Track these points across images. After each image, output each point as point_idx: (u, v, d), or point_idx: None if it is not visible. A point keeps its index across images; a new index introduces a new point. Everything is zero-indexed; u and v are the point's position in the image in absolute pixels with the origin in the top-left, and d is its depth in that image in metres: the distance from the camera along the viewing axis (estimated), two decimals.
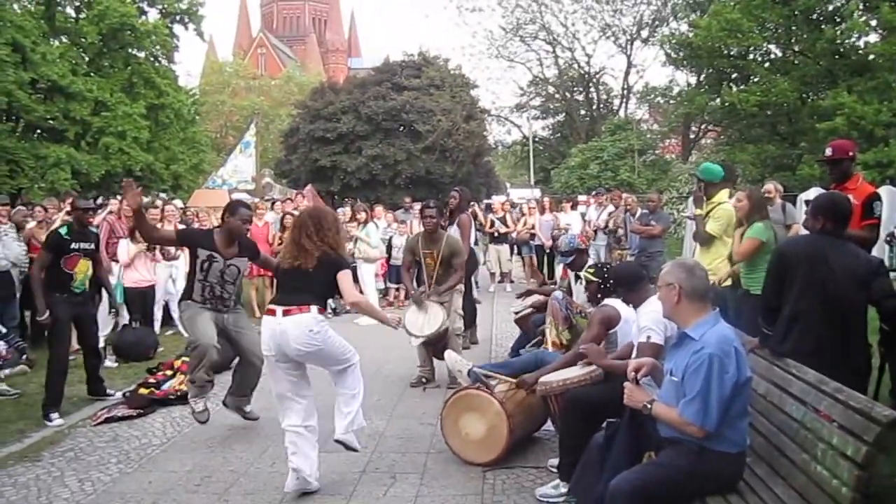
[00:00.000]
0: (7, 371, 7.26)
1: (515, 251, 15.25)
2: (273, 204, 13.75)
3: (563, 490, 4.12)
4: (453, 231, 8.23)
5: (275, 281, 5.42)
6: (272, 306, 4.27)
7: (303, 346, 4.16)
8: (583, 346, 4.35)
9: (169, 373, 6.80)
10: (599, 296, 4.95)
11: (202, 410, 5.24)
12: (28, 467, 4.95)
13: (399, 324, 4.65)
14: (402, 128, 36.45)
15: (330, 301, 11.76)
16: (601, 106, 37.89)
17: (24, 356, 7.63)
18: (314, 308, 4.20)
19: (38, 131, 22.76)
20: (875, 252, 5.09)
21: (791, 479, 3.09)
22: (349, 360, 4.39)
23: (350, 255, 11.73)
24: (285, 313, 4.18)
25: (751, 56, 22.82)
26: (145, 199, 14.28)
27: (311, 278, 4.23)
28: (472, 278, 9.51)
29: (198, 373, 5.19)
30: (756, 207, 5.56)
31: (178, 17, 27.14)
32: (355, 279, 11.70)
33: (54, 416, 5.90)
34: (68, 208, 7.57)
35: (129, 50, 25.63)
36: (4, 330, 7.59)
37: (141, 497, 4.43)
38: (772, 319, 4.03)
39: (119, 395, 6.54)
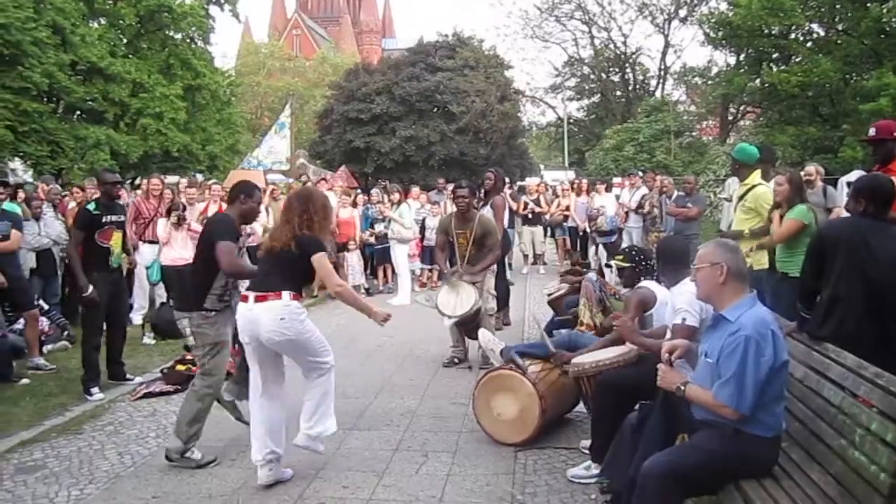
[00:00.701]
0: (49, 346, 7.46)
1: (549, 233, 15.18)
2: (306, 186, 13.84)
3: (595, 471, 4.12)
4: (486, 212, 8.20)
5: None
6: (245, 292, 4.10)
7: (273, 333, 3.96)
8: (616, 323, 4.31)
9: None
10: (633, 279, 4.90)
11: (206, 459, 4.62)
12: (70, 440, 5.09)
13: (386, 321, 4.27)
14: (435, 109, 36.37)
15: (363, 281, 11.88)
16: (637, 87, 37.39)
17: (66, 332, 7.82)
18: (286, 294, 4.00)
19: (78, 113, 23.16)
20: None
21: (828, 465, 3.05)
22: (324, 361, 4.17)
23: (382, 235, 11.82)
24: (257, 299, 4.01)
25: (792, 35, 22.35)
26: (183, 179, 14.45)
27: (285, 262, 4.04)
28: (506, 259, 9.49)
29: (199, 422, 4.61)
30: (796, 190, 5.47)
31: None
32: (388, 260, 11.84)
33: (94, 390, 6.05)
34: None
35: (166, 31, 25.94)
36: (47, 306, 7.78)
37: (178, 470, 4.51)
38: (810, 303, 3.98)
39: (139, 379, 6.59)
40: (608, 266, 6.20)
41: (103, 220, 6.22)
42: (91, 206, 6.33)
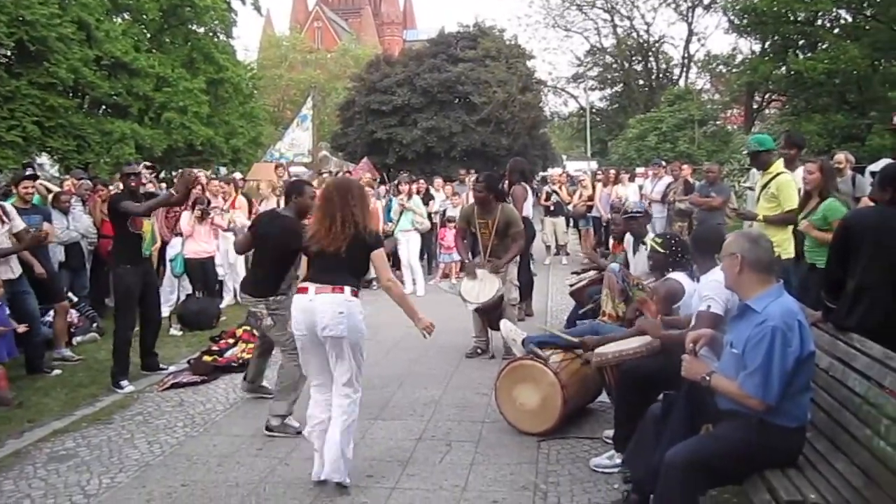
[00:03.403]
0: (79, 338, 7.59)
1: (571, 224, 15.10)
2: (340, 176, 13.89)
3: (618, 461, 4.13)
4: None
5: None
6: (305, 284, 4.13)
7: (330, 325, 3.97)
8: (638, 321, 4.31)
9: (231, 341, 6.99)
10: (663, 267, 4.83)
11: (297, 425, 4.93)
12: (100, 429, 5.19)
13: (428, 331, 4.29)
14: (457, 100, 36.29)
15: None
16: (660, 76, 37.07)
17: (96, 324, 7.95)
18: (347, 290, 4.05)
19: (104, 107, 23.39)
20: None
21: (853, 455, 3.04)
22: (358, 382, 4.14)
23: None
24: (317, 291, 4.05)
25: (819, 21, 22.02)
26: (206, 172, 14.58)
27: (344, 259, 4.06)
28: (528, 250, 9.48)
29: (298, 389, 5.01)
30: (828, 179, 5.39)
31: None
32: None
33: (124, 382, 6.14)
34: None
35: (189, 26, 26.10)
36: (76, 299, 7.90)
37: (206, 459, 4.60)
38: (836, 293, 3.94)
39: (173, 368, 6.69)
40: (636, 248, 6.15)
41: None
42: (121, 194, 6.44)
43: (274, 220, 5.28)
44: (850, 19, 21.86)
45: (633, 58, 37.28)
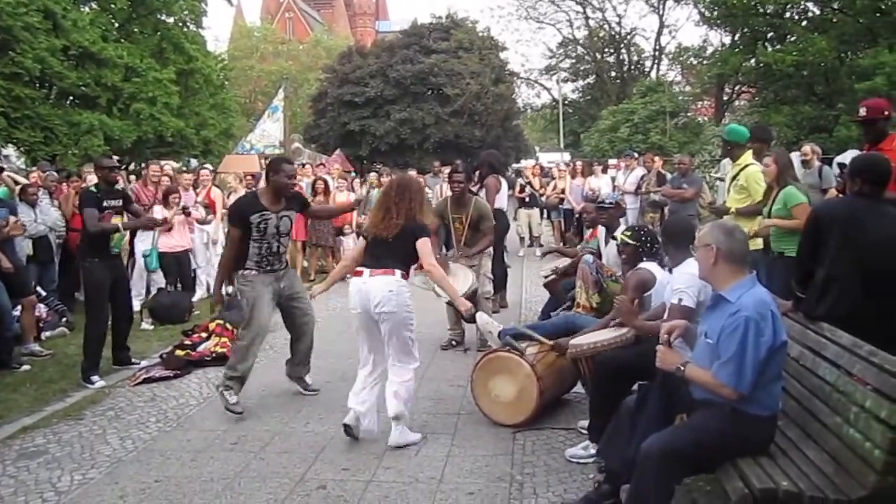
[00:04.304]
0: (48, 333, 7.48)
1: (545, 215, 15.16)
2: (311, 170, 13.80)
3: (593, 451, 4.16)
4: (482, 196, 8.24)
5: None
6: (360, 268, 4.60)
7: (382, 304, 4.41)
8: (614, 308, 4.33)
9: (204, 335, 6.93)
10: (634, 259, 4.85)
11: (236, 402, 5.20)
12: (71, 425, 5.12)
13: (470, 313, 4.78)
14: (430, 91, 36.22)
15: None
16: (632, 67, 37.27)
17: (65, 318, 7.84)
18: (398, 272, 4.51)
19: (71, 98, 22.96)
20: None
21: (823, 442, 3.09)
22: (415, 354, 4.64)
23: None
24: (372, 274, 4.51)
25: (787, 14, 22.27)
26: (176, 165, 14.41)
27: (393, 246, 4.51)
28: (503, 242, 9.50)
29: (244, 364, 5.26)
30: (783, 170, 5.45)
31: None
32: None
33: (95, 378, 6.05)
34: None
35: (158, 15, 25.64)
36: (44, 293, 7.78)
37: (180, 454, 4.56)
38: (806, 283, 3.99)
39: (145, 363, 6.62)
40: (609, 240, 6.16)
41: (104, 203, 6.23)
42: (93, 188, 6.35)
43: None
44: (817, 12, 22.14)
45: (606, 50, 37.44)
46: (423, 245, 4.58)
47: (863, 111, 5.04)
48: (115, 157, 8.97)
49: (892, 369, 2.82)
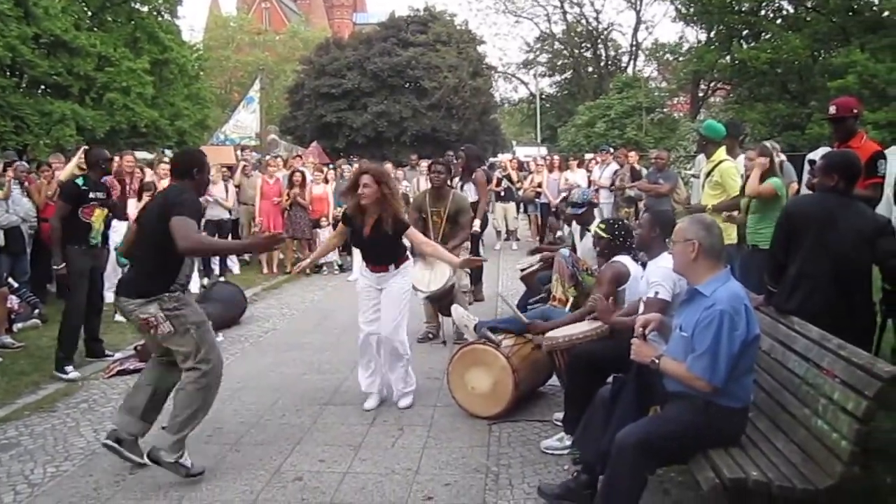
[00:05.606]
0: (20, 325, 7.38)
1: (522, 209, 15.23)
2: (286, 162, 13.71)
3: (568, 443, 4.19)
4: (469, 189, 8.29)
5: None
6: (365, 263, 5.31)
7: (385, 276, 5.11)
8: (591, 304, 4.37)
9: None
10: (608, 252, 4.89)
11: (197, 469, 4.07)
12: (44, 418, 5.07)
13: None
14: (407, 84, 36.17)
15: (336, 258, 11.84)
16: (609, 63, 37.51)
17: (37, 310, 7.74)
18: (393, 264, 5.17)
19: (43, 87, 22.61)
20: (880, 211, 5.09)
21: (792, 434, 3.16)
22: (404, 336, 5.16)
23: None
24: (373, 270, 5.19)
25: (762, 12, 22.50)
26: (150, 156, 14.23)
27: (387, 242, 5.06)
28: (480, 235, 9.53)
29: (198, 419, 4.08)
30: (772, 161, 5.59)
31: None
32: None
33: (69, 368, 5.99)
34: (77, 160, 7.55)
35: (132, 4, 25.33)
36: (16, 285, 7.68)
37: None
38: (778, 277, 4.06)
39: (118, 355, 6.56)
40: (584, 233, 6.19)
41: (90, 195, 6.18)
42: (80, 181, 6.27)
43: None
44: (792, 11, 22.39)
45: (583, 45, 37.65)
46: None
47: (832, 109, 5.12)
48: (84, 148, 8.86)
49: (860, 362, 2.89)
